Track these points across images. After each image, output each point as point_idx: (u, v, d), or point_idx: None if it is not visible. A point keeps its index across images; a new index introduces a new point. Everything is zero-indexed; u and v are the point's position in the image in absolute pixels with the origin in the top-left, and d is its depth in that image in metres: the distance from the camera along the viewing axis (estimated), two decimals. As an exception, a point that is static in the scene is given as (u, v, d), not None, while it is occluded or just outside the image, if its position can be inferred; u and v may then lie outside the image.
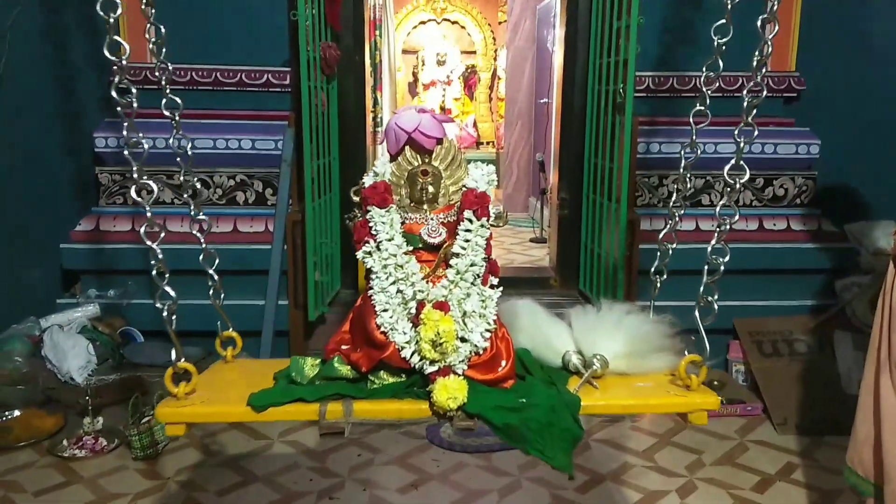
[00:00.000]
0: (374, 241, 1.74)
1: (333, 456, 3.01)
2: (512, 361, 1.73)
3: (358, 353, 1.72)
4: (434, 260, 1.76)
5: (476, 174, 1.81)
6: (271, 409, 1.66)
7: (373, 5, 6.34)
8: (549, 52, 6.89)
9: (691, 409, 1.74)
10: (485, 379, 1.68)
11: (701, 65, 1.98)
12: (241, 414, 1.68)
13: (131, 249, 3.63)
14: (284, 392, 1.70)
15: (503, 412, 1.64)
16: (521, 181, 8.27)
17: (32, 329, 3.52)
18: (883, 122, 3.96)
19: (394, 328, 1.66)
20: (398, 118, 1.80)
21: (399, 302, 1.69)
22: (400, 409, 1.68)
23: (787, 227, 3.81)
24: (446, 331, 1.60)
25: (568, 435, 1.66)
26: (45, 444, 3.02)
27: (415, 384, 1.68)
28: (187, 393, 1.73)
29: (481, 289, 1.72)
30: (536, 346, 1.92)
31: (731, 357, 3.72)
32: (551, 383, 1.78)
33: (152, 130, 3.60)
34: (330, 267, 3.70)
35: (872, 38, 3.93)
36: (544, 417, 1.66)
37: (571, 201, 3.99)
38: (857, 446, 2.25)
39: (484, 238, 1.75)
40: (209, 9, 3.67)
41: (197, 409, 1.70)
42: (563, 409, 1.68)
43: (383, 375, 1.71)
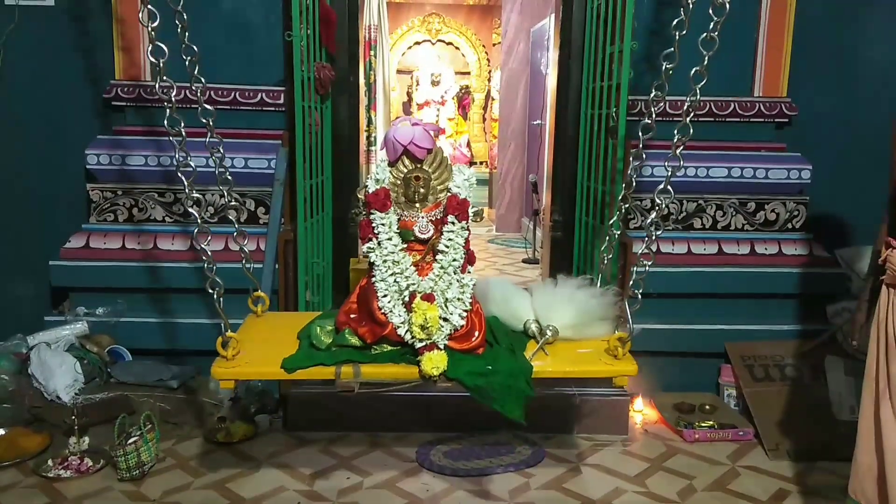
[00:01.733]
0: (376, 239, 2.17)
1: (321, 479, 2.98)
2: (483, 333, 2.23)
3: (364, 327, 2.19)
4: (424, 250, 2.21)
5: (458, 180, 2.24)
6: (299, 371, 2.15)
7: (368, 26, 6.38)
8: (542, 74, 6.93)
9: (615, 374, 2.24)
10: (461, 348, 2.18)
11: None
12: (278, 374, 2.17)
13: (121, 267, 3.60)
14: (307, 356, 2.20)
15: (474, 376, 2.14)
16: (514, 202, 8.29)
17: (20, 346, 3.48)
18: (874, 148, 3.96)
19: (392, 311, 2.14)
20: (395, 131, 2.20)
21: (395, 290, 2.16)
22: (397, 372, 2.17)
23: (778, 252, 3.82)
24: (432, 318, 2.08)
25: (521, 394, 2.17)
26: (29, 464, 2.98)
27: (408, 353, 2.16)
28: (234, 354, 2.19)
29: (461, 277, 2.18)
30: (504, 315, 2.43)
31: (723, 381, 3.71)
32: (512, 351, 2.26)
33: (146, 149, 3.63)
34: (321, 287, 3.68)
35: (863, 65, 3.97)
36: (505, 381, 2.16)
37: (564, 223, 4.00)
38: (860, 477, 2.23)
39: (464, 237, 2.20)
40: (204, 27, 3.67)
41: (244, 369, 2.20)
42: (519, 373, 2.19)
43: (384, 346, 2.19)
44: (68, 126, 3.81)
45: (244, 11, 3.71)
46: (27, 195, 3.85)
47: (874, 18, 3.94)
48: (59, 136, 3.82)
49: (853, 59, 3.97)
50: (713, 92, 3.47)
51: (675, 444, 3.36)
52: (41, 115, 3.81)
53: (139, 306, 3.67)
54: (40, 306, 3.76)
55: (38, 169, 3.83)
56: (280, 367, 2.15)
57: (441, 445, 3.26)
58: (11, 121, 3.79)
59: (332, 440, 3.31)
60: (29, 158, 3.83)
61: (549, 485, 2.98)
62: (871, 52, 3.98)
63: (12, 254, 3.87)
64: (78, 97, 3.78)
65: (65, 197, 3.82)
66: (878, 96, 3.95)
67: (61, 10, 3.71)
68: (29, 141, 3.82)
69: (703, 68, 2.11)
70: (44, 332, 3.53)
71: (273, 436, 3.34)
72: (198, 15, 3.65)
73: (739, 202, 3.86)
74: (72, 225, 3.73)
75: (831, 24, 3.93)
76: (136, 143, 3.66)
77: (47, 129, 3.82)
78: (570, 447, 3.30)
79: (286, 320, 2.67)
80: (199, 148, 3.64)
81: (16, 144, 3.81)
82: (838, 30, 3.95)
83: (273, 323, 2.63)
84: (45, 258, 3.63)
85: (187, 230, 3.65)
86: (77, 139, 3.71)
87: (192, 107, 3.69)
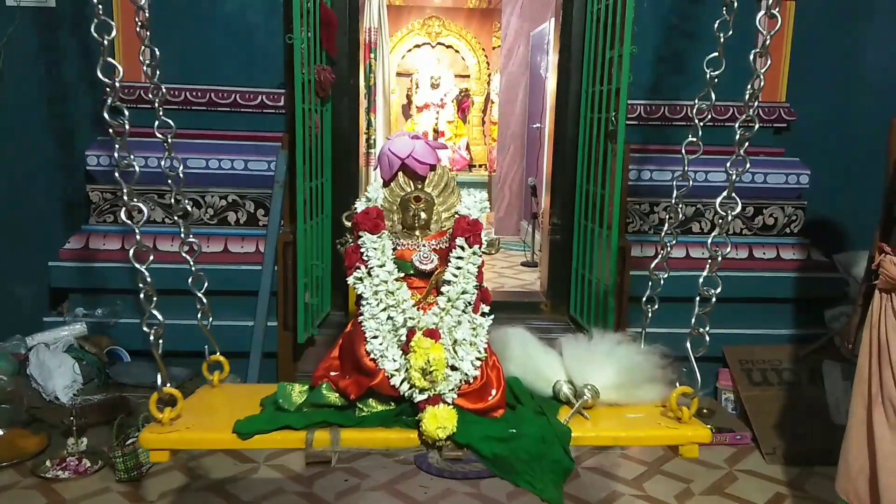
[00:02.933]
0: (365, 266, 1.73)
1: (320, 481, 2.98)
2: (502, 390, 1.71)
3: (347, 379, 1.69)
4: (426, 286, 1.75)
5: (469, 201, 1.83)
6: (257, 437, 1.64)
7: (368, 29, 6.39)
8: (542, 78, 6.95)
9: (682, 441, 1.74)
10: (475, 408, 1.67)
11: (691, 94, 2.03)
12: (226, 441, 1.66)
13: (120, 268, 3.60)
14: (271, 419, 1.68)
15: (492, 442, 1.62)
16: (513, 205, 8.31)
17: (18, 347, 3.48)
18: (872, 153, 3.97)
19: (384, 355, 1.65)
20: (392, 144, 1.80)
21: (389, 329, 1.68)
22: (388, 439, 1.66)
23: (776, 256, 3.82)
24: (437, 359, 1.59)
25: (558, 467, 1.64)
26: (28, 465, 2.98)
27: (404, 413, 1.66)
28: (172, 419, 1.71)
29: (472, 316, 1.71)
30: (527, 375, 1.90)
31: (721, 385, 3.72)
32: (541, 413, 1.75)
33: (145, 149, 3.63)
34: (320, 289, 3.69)
35: (861, 70, 3.99)
36: (534, 448, 1.64)
37: (563, 226, 4.00)
38: (851, 478, 2.25)
39: (476, 266, 1.75)
40: (205, 30, 3.69)
41: (182, 436, 1.68)
42: (553, 439, 1.66)
43: (372, 403, 1.69)
44: (68, 127, 3.81)
45: (245, 14, 3.71)
46: (27, 196, 3.85)
47: (872, 24, 3.96)
48: (58, 138, 3.82)
49: (851, 65, 3.99)
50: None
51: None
52: (41, 116, 3.81)
53: (137, 307, 3.66)
54: (39, 307, 3.76)
55: (38, 170, 3.83)
56: (232, 431, 1.65)
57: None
58: (11, 122, 3.79)
59: (331, 442, 3.31)
60: (29, 159, 3.83)
61: (547, 488, 2.98)
62: (869, 58, 3.99)
63: (12, 254, 3.87)
64: (78, 98, 3.78)
65: (64, 198, 3.82)
66: (875, 102, 3.97)
67: (62, 12, 3.71)
68: (29, 142, 3.82)
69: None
70: (42, 332, 3.53)
71: (271, 438, 3.34)
72: (199, 18, 3.69)
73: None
74: (71, 226, 3.73)
75: (829, 29, 3.95)
76: (136, 144, 3.65)
77: (47, 130, 3.82)
78: (567, 450, 3.30)
79: (250, 391, 2.01)
80: (197, 150, 3.68)
81: (15, 145, 3.82)
82: (836, 35, 3.96)
83: (233, 393, 2.07)
84: (44, 259, 3.63)
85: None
86: (77, 140, 3.72)
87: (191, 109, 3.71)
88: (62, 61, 3.75)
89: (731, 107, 3.78)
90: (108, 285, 3.64)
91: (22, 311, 3.77)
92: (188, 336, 3.72)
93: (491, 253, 1.80)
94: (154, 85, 1.99)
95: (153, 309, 1.78)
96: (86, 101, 3.77)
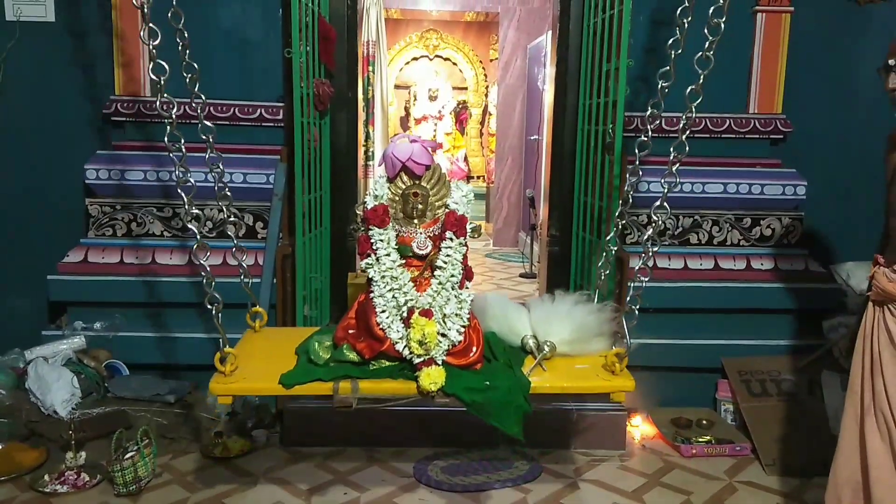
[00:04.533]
0: (374, 255, 2.18)
1: (318, 495, 2.98)
2: (481, 349, 2.23)
3: (362, 342, 2.18)
4: (422, 266, 2.21)
5: (457, 196, 2.24)
6: (297, 387, 2.14)
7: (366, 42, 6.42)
8: (539, 90, 6.98)
9: (612, 390, 2.24)
10: (459, 363, 2.17)
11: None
12: (276, 389, 2.15)
13: (119, 282, 3.61)
14: (305, 372, 2.19)
15: (472, 392, 2.13)
16: (511, 216, 8.32)
17: (17, 361, 3.48)
18: (868, 163, 3.99)
19: (390, 327, 2.13)
20: (394, 148, 2.20)
21: (394, 305, 2.15)
22: (395, 388, 2.16)
23: (774, 267, 3.83)
24: (430, 333, 2.07)
25: (520, 410, 2.17)
26: (26, 479, 2.97)
27: (406, 368, 2.16)
28: (232, 370, 2.18)
29: (458, 293, 2.18)
30: (502, 330, 2.42)
31: (720, 396, 3.72)
32: (510, 366, 2.25)
33: (145, 163, 3.65)
34: (319, 301, 3.69)
35: (857, 82, 4.01)
36: (503, 397, 2.15)
37: (561, 238, 4.01)
38: (837, 487, 2.26)
39: (462, 253, 2.20)
40: (204, 43, 3.70)
41: (241, 385, 2.19)
42: (517, 390, 2.17)
43: (382, 361, 2.18)
44: (67, 141, 3.82)
45: (244, 28, 3.74)
46: (26, 209, 3.86)
47: (867, 36, 3.98)
48: (58, 151, 3.83)
49: (847, 77, 4.01)
50: (709, 108, 3.51)
51: (672, 459, 3.36)
52: (41, 129, 3.82)
53: (137, 321, 3.67)
54: (38, 321, 3.76)
55: (37, 183, 3.84)
56: (278, 382, 2.14)
57: (439, 460, 3.26)
58: (11, 135, 3.81)
59: (330, 455, 3.31)
60: (28, 173, 3.84)
61: (547, 500, 2.98)
62: (865, 70, 4.01)
63: (10, 268, 3.87)
64: (77, 112, 3.79)
65: (63, 211, 3.83)
66: (872, 113, 3.98)
67: (62, 26, 3.73)
68: (28, 155, 3.83)
69: (699, 87, 2.16)
70: (41, 346, 3.53)
71: (270, 451, 3.33)
72: (198, 31, 3.68)
73: (735, 218, 3.88)
74: (70, 239, 3.74)
75: (825, 41, 3.98)
76: (135, 158, 3.67)
77: (47, 144, 3.83)
78: (567, 462, 3.30)
79: (284, 336, 2.66)
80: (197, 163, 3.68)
81: (15, 158, 3.83)
82: (833, 47, 3.99)
83: (271, 338, 2.62)
84: (43, 272, 3.63)
85: (186, 245, 3.66)
86: (76, 154, 3.73)
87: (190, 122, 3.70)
88: (61, 75, 3.77)
89: (727, 118, 3.81)
90: (106, 299, 3.64)
91: (20, 325, 3.77)
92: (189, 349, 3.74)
93: (475, 237, 2.26)
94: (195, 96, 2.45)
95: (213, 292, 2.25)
96: (85, 115, 3.79)
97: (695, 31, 2.18)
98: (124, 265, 3.65)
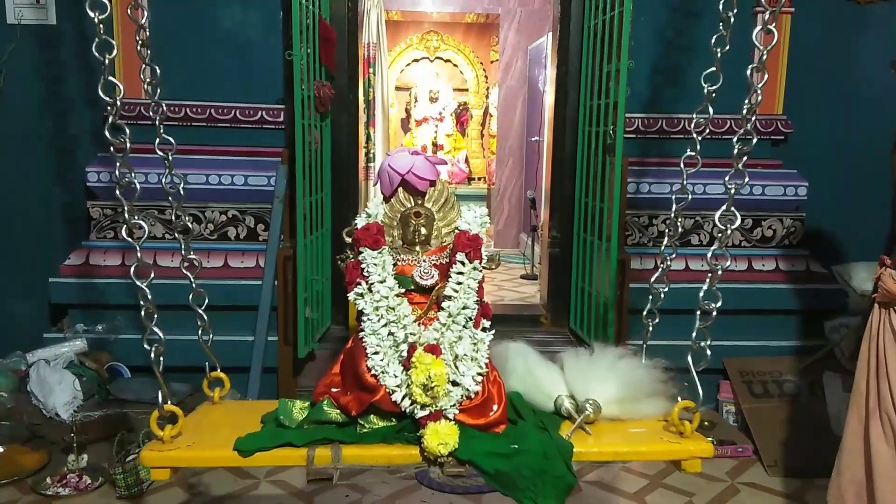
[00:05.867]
0: (366, 282, 1.73)
1: (321, 497, 2.98)
2: (504, 405, 1.72)
3: (348, 396, 1.69)
4: (426, 302, 1.75)
5: (469, 216, 1.82)
6: (258, 454, 1.64)
7: (367, 44, 6.42)
8: (540, 91, 6.98)
9: (685, 456, 1.73)
10: (476, 423, 1.67)
11: (688, 107, 2.13)
12: (227, 458, 1.67)
13: (120, 284, 3.60)
14: (272, 436, 1.69)
15: (495, 458, 1.62)
16: (513, 217, 8.32)
17: (18, 364, 3.48)
18: (869, 164, 4.00)
19: (385, 371, 1.65)
20: (392, 160, 1.81)
21: (390, 344, 1.68)
22: (390, 455, 1.66)
23: (775, 268, 3.83)
24: (438, 374, 1.58)
25: (560, 483, 1.64)
26: (28, 482, 2.97)
27: (405, 429, 1.66)
28: (173, 436, 1.71)
29: (473, 332, 1.70)
30: (528, 390, 1.90)
31: (722, 397, 3.72)
32: (543, 428, 1.75)
33: (146, 165, 3.65)
34: (320, 303, 3.69)
35: (858, 82, 4.01)
36: (536, 464, 1.63)
37: (562, 239, 4.01)
38: (841, 487, 2.26)
39: (476, 281, 1.75)
40: (205, 46, 3.71)
41: (183, 454, 1.68)
42: (555, 455, 1.65)
43: (373, 419, 1.69)
44: (68, 144, 3.83)
45: (245, 31, 3.74)
46: (27, 212, 3.86)
47: (868, 37, 3.98)
48: (59, 154, 3.84)
49: (848, 78, 4.01)
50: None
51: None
52: (42, 132, 3.83)
53: (138, 323, 3.66)
54: (39, 323, 3.77)
55: (39, 186, 3.85)
56: (233, 448, 1.66)
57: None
58: (12, 138, 3.81)
59: (331, 457, 3.30)
60: (29, 176, 3.85)
61: (549, 502, 2.97)
62: (865, 71, 4.02)
63: (12, 271, 3.88)
64: (78, 115, 3.80)
65: (65, 214, 3.84)
66: (872, 114, 3.99)
67: (62, 30, 3.74)
68: (29, 158, 3.84)
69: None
70: (43, 349, 3.53)
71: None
72: (199, 34, 3.72)
73: (737, 218, 3.87)
74: (71, 242, 3.74)
75: (826, 42, 3.98)
76: (136, 161, 3.66)
77: (48, 147, 3.84)
78: (569, 464, 3.29)
79: (251, 408, 2.04)
80: (197, 165, 3.69)
81: (17, 162, 3.83)
82: (833, 48, 3.99)
83: (234, 410, 2.06)
84: (44, 275, 3.64)
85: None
86: (77, 157, 3.74)
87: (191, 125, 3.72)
88: (63, 78, 3.77)
89: (728, 119, 3.80)
90: (108, 301, 3.64)
91: (22, 328, 3.78)
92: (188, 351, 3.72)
93: (491, 268, 1.79)
94: (155, 103, 2.01)
95: (154, 326, 1.79)
96: (86, 117, 3.80)
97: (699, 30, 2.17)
98: (125, 268, 3.64)
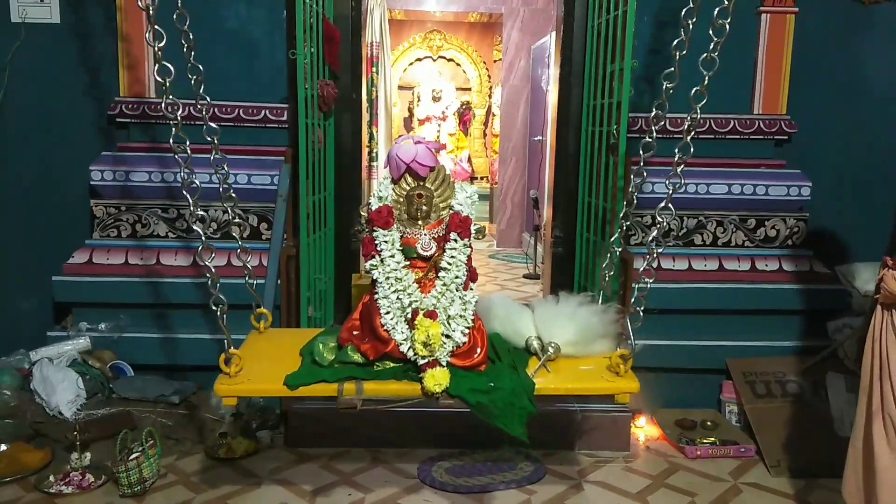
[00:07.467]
0: (378, 256, 2.19)
1: (323, 496, 2.98)
2: (485, 350, 2.23)
3: (366, 343, 2.19)
4: (427, 267, 2.22)
5: (461, 197, 2.26)
6: (302, 388, 2.15)
7: (370, 43, 6.42)
8: (543, 91, 6.97)
9: (617, 391, 2.24)
10: (463, 365, 2.17)
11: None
12: (280, 390, 2.17)
13: (124, 283, 3.61)
14: (310, 374, 2.20)
15: (476, 394, 2.14)
16: (515, 217, 8.31)
17: (22, 362, 3.49)
18: (873, 164, 4.01)
19: (394, 328, 2.14)
20: (398, 150, 2.22)
21: (398, 307, 2.16)
22: (399, 389, 2.17)
23: (778, 268, 3.83)
24: (435, 335, 2.08)
25: (524, 412, 2.16)
26: (31, 480, 2.97)
27: (410, 370, 2.16)
28: (237, 371, 2.20)
29: (463, 294, 2.18)
30: (506, 331, 2.44)
31: (724, 397, 3.71)
32: (514, 368, 2.26)
33: (149, 164, 3.66)
34: (323, 302, 3.70)
35: (861, 83, 4.00)
36: (507, 398, 2.15)
37: (565, 239, 4.01)
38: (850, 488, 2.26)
39: (466, 255, 2.21)
40: (209, 45, 3.71)
41: (246, 386, 2.21)
42: (521, 391, 2.18)
43: (386, 363, 2.19)
44: (72, 142, 3.83)
45: (248, 30, 3.74)
46: (31, 210, 3.87)
47: (872, 37, 3.97)
48: (63, 152, 3.84)
49: (851, 77, 4.00)
50: (713, 109, 3.50)
51: (676, 460, 3.36)
52: (46, 131, 3.83)
53: (141, 322, 3.68)
54: (43, 322, 3.78)
55: (43, 184, 3.86)
56: (283, 383, 2.15)
57: (443, 462, 3.26)
58: (16, 136, 3.82)
59: (334, 456, 3.31)
60: (33, 174, 3.85)
61: (551, 501, 2.97)
62: (870, 70, 4.01)
63: (16, 269, 3.89)
64: (82, 114, 3.81)
65: (68, 213, 3.84)
66: (876, 114, 3.99)
67: (67, 28, 3.74)
68: (33, 156, 3.85)
69: (704, 88, 2.16)
70: (46, 347, 3.54)
71: (274, 452, 3.34)
72: (202, 33, 3.69)
73: (740, 218, 3.87)
74: (75, 240, 3.75)
75: (830, 42, 3.97)
76: (140, 159, 3.68)
77: (52, 145, 3.84)
78: (571, 464, 3.30)
79: (289, 337, 2.67)
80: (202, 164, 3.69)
81: (20, 160, 3.84)
82: (837, 48, 3.98)
83: (275, 339, 2.62)
84: (48, 274, 3.64)
85: (190, 246, 3.67)
86: (81, 155, 3.74)
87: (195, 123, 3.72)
88: (66, 76, 3.78)
89: (731, 119, 3.80)
90: (111, 300, 3.65)
91: (25, 326, 3.78)
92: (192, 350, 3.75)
93: (479, 238, 2.25)
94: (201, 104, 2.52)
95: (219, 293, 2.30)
96: (89, 116, 3.80)
97: (700, 32, 2.18)
98: (129, 266, 3.66)
